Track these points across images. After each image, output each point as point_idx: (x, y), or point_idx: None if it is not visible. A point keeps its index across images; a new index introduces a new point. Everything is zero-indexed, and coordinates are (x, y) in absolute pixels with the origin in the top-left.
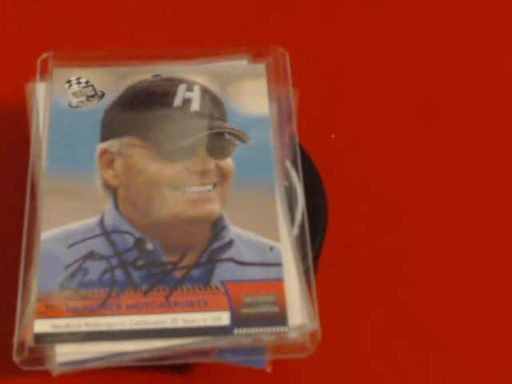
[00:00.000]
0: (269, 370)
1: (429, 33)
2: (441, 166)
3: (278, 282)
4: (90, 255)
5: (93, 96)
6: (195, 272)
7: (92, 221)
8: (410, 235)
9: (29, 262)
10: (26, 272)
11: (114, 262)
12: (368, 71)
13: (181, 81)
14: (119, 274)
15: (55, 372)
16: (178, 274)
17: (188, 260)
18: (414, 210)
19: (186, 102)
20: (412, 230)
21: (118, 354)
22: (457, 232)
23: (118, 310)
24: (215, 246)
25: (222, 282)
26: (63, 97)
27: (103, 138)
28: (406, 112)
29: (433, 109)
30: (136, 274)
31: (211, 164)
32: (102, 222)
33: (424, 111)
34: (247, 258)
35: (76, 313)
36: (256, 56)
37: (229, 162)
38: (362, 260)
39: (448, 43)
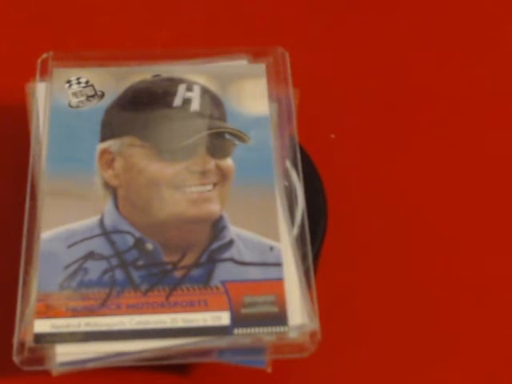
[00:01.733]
0: (269, 370)
1: (429, 33)
2: (441, 166)
3: (278, 281)
4: (90, 255)
5: (93, 96)
6: (195, 272)
7: (92, 221)
8: (410, 235)
9: (29, 262)
10: (26, 272)
11: (114, 262)
12: (368, 71)
13: (181, 81)
14: (119, 274)
15: (55, 372)
16: (177, 273)
17: (188, 260)
18: (414, 210)
19: (186, 101)
20: (412, 230)
21: (118, 354)
22: (457, 232)
23: (118, 310)
24: (215, 245)
25: (222, 282)
26: (63, 97)
27: (103, 138)
28: (406, 112)
29: (433, 109)
30: (136, 274)
31: (211, 164)
32: (101, 222)
33: (424, 111)
34: (247, 257)
35: (76, 313)
36: (256, 56)
37: (229, 162)
38: (361, 260)
39: (448, 44)
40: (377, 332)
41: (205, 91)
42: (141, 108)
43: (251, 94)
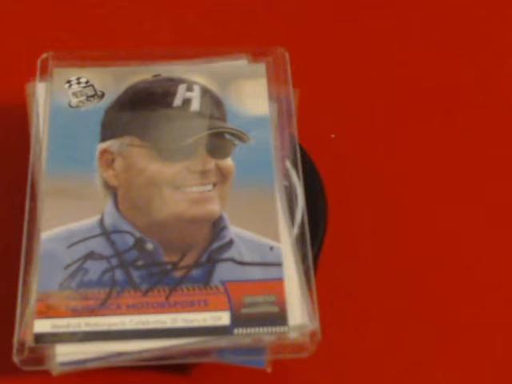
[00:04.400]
0: (269, 370)
1: (429, 33)
2: (442, 165)
3: (278, 281)
4: (90, 255)
5: (93, 96)
6: (195, 272)
7: (92, 221)
8: (410, 235)
9: (29, 262)
10: (26, 272)
11: (114, 262)
12: (368, 71)
13: (181, 81)
14: (119, 274)
15: (55, 372)
16: (178, 273)
17: (188, 260)
18: (414, 210)
19: (186, 101)
20: (412, 230)
21: (118, 354)
22: (457, 233)
23: (118, 310)
24: (215, 245)
25: (222, 282)
26: (63, 97)
27: (103, 138)
28: (406, 112)
29: (433, 109)
30: (136, 274)
31: (211, 164)
32: (101, 222)
33: (424, 111)
34: (247, 257)
35: (76, 313)
36: (256, 56)
37: (229, 162)
38: (361, 260)
39: (448, 44)
40: (377, 332)
41: (205, 91)
42: (141, 108)
43: (251, 93)
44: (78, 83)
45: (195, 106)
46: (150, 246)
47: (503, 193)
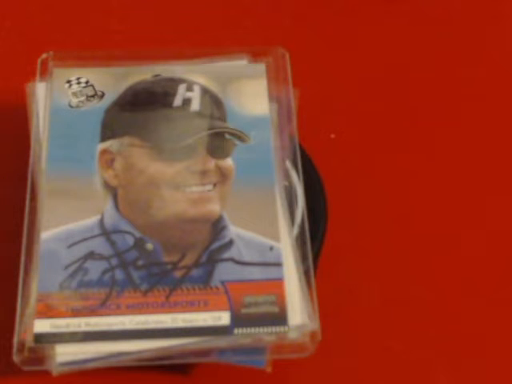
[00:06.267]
0: (269, 370)
1: (429, 33)
2: (441, 165)
3: (278, 281)
4: (90, 255)
5: (93, 96)
6: (195, 272)
7: (92, 221)
8: (410, 235)
9: (29, 262)
10: (26, 272)
11: (114, 262)
12: (368, 71)
13: (181, 81)
14: (119, 274)
15: (55, 372)
16: (177, 273)
17: (188, 260)
18: (414, 210)
19: (186, 101)
20: (412, 230)
21: (118, 354)
22: (458, 234)
23: (118, 310)
24: (215, 245)
25: (222, 282)
26: (63, 97)
27: (103, 138)
28: (406, 111)
29: (433, 109)
30: (136, 274)
31: (211, 164)
32: (101, 222)
33: (424, 111)
34: (247, 257)
35: (76, 313)
36: (256, 56)
37: (229, 162)
38: (361, 260)
39: (448, 44)
40: (377, 332)
41: (205, 91)
42: (141, 108)
43: (251, 94)
44: (78, 83)
45: (195, 106)
46: (150, 246)
47: (503, 191)
